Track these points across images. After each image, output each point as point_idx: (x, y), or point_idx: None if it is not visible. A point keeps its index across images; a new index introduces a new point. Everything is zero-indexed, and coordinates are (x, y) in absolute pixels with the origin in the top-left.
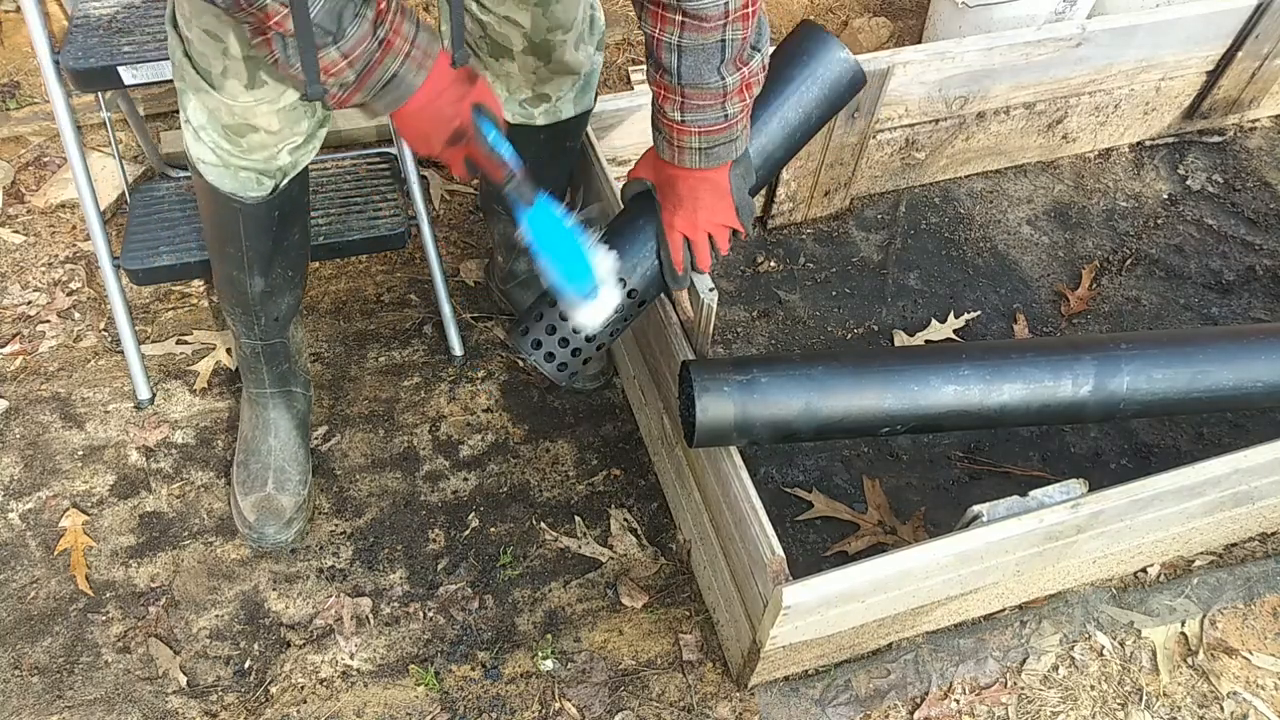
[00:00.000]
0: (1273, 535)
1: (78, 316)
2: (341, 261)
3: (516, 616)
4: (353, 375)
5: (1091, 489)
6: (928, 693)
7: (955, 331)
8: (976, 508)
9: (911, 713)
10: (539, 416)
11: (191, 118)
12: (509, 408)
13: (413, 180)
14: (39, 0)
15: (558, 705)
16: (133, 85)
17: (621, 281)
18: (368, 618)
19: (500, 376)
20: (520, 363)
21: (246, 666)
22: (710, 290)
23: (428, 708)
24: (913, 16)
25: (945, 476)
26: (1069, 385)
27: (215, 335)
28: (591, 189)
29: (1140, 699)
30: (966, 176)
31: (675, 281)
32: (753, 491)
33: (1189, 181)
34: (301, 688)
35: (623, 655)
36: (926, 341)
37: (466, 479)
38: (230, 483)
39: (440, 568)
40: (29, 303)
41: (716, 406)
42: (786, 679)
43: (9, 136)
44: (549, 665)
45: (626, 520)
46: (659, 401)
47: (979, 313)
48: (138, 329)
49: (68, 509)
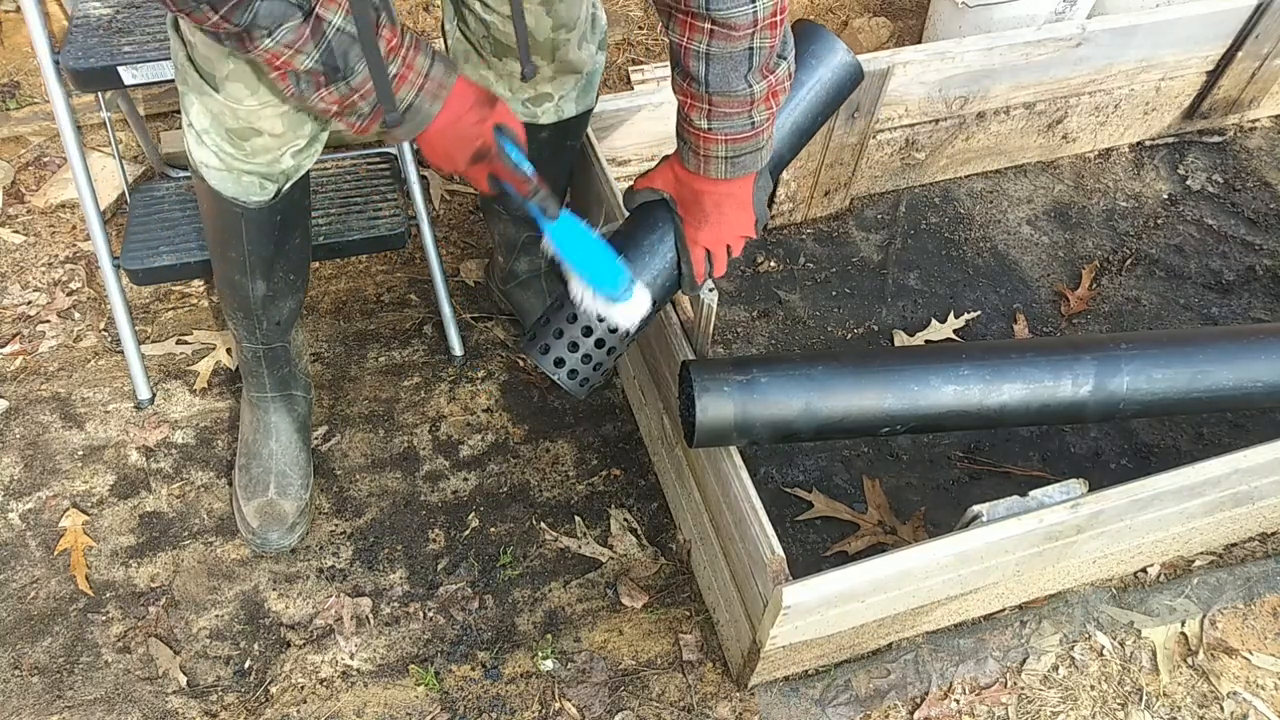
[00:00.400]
0: (1273, 535)
1: (78, 316)
2: (341, 261)
3: (516, 616)
4: (353, 375)
5: (1091, 489)
6: (928, 693)
7: (955, 331)
8: (976, 508)
9: (911, 713)
10: (539, 416)
11: (194, 121)
12: (509, 408)
13: (413, 180)
14: (39, 0)
15: (558, 705)
16: (133, 85)
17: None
18: (368, 618)
19: (500, 376)
20: (522, 364)
21: (246, 666)
22: (710, 290)
23: (428, 708)
24: (913, 16)
25: (945, 476)
26: (1069, 385)
27: (215, 335)
28: (591, 189)
29: (1140, 699)
30: (966, 176)
31: (691, 289)
32: (753, 491)
33: (1189, 181)
34: (301, 688)
35: (623, 655)
36: (926, 341)
37: (466, 479)
38: (232, 485)
39: (440, 568)
40: (29, 303)
41: (716, 406)
42: (786, 679)
43: (9, 136)
44: (549, 665)
45: (626, 520)
46: (659, 401)
47: (979, 313)
48: (138, 329)
49: (68, 509)
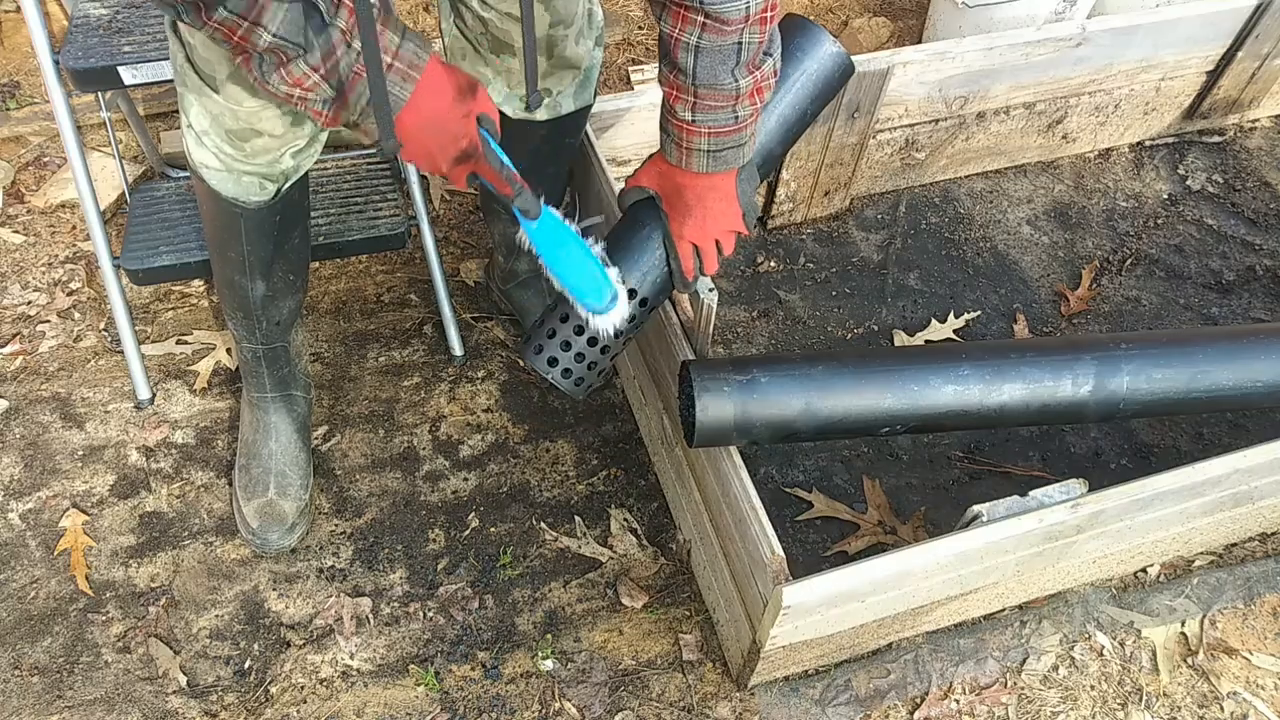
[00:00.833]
0: (1273, 535)
1: (78, 316)
2: (341, 261)
3: (516, 616)
4: (353, 375)
5: (1091, 489)
6: (928, 693)
7: (955, 331)
8: (976, 508)
9: (911, 713)
10: (539, 416)
11: (194, 123)
12: (509, 408)
13: (413, 180)
14: (39, 0)
15: (558, 705)
16: (133, 85)
17: (632, 291)
18: (368, 618)
19: (500, 376)
20: (523, 364)
21: (246, 666)
22: (710, 290)
23: (428, 708)
24: (913, 16)
25: (945, 476)
26: (1069, 385)
27: (215, 335)
28: (591, 188)
29: (1140, 699)
30: (966, 176)
31: (684, 286)
32: (753, 491)
33: (1189, 181)
34: (301, 688)
35: (623, 655)
36: (926, 341)
37: (466, 479)
38: (231, 485)
39: (440, 568)
40: (29, 303)
41: (716, 406)
42: (786, 679)
43: (9, 136)
44: (549, 665)
45: (626, 520)
46: (659, 401)
47: (979, 313)
48: (138, 329)
49: (68, 509)
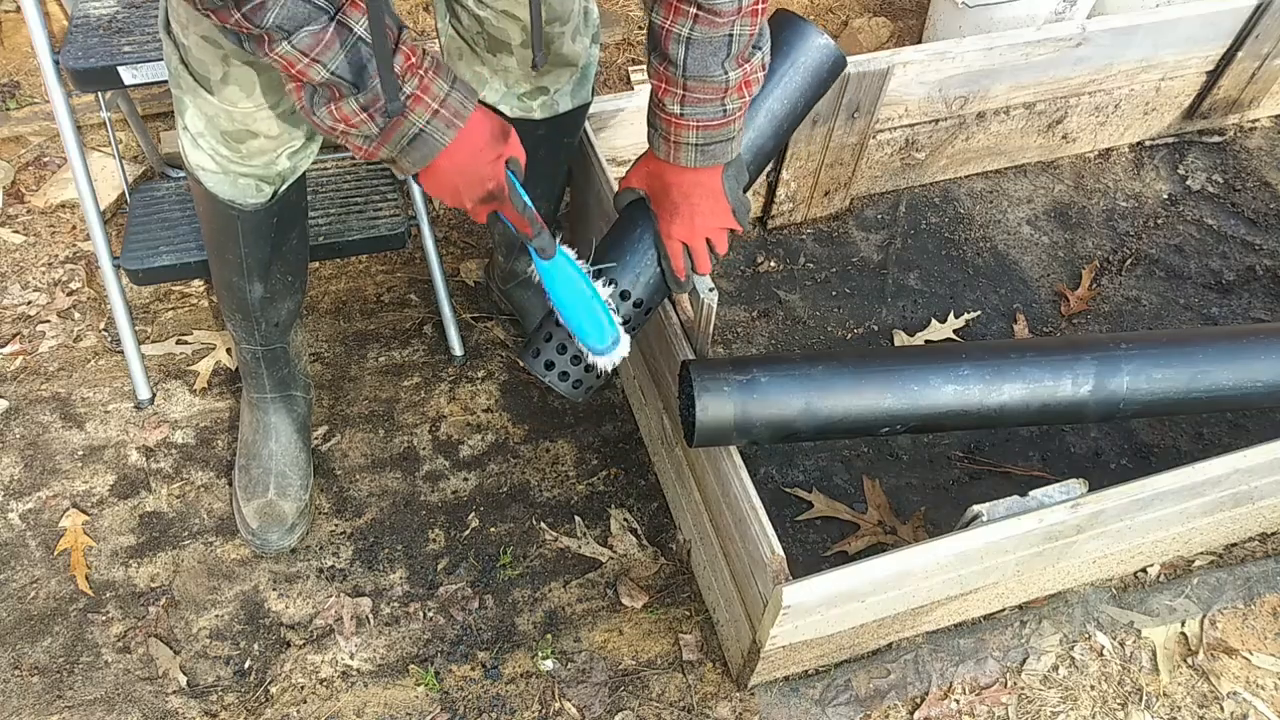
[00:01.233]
0: (1273, 535)
1: (78, 316)
2: (341, 261)
3: (516, 616)
4: (353, 375)
5: (1091, 489)
6: (928, 693)
7: (955, 331)
8: (976, 508)
9: (911, 713)
10: (539, 416)
11: (189, 124)
12: (509, 408)
13: (412, 180)
14: (39, 0)
15: (558, 705)
16: (133, 85)
17: (625, 293)
18: (368, 618)
19: (500, 376)
20: (521, 366)
21: (246, 666)
22: (710, 290)
23: (428, 708)
24: (913, 16)
25: (945, 476)
26: (1069, 385)
27: (215, 335)
28: (590, 188)
29: (1140, 699)
30: (966, 176)
31: (678, 287)
32: (753, 491)
33: (1189, 181)
34: (301, 688)
35: (623, 655)
36: (926, 341)
37: (466, 479)
38: (231, 486)
39: (440, 568)
40: (29, 303)
41: (716, 406)
42: (786, 679)
43: (9, 136)
44: (549, 665)
45: (626, 520)
46: (659, 401)
47: (979, 313)
48: (138, 329)
49: (68, 509)
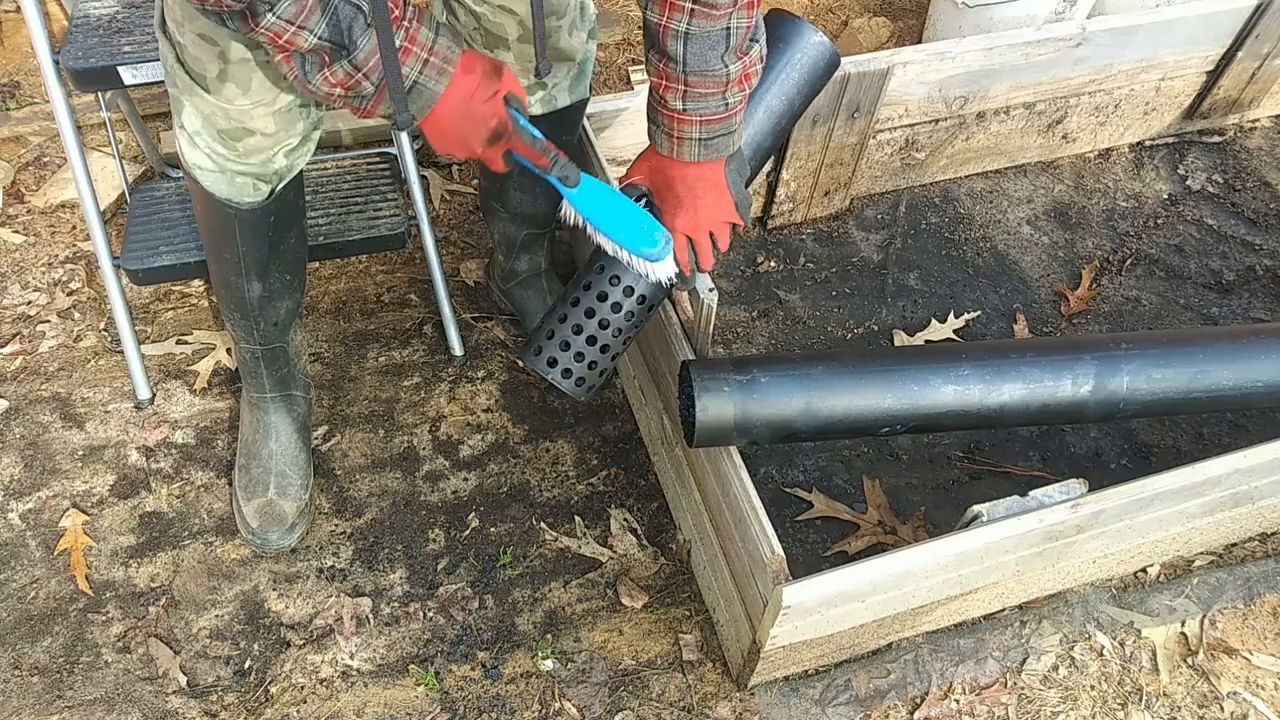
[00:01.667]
0: (1273, 535)
1: (78, 316)
2: (341, 261)
3: (516, 616)
4: (353, 375)
5: (1091, 489)
6: (928, 693)
7: (955, 331)
8: (976, 508)
9: (911, 713)
10: (539, 416)
11: (186, 123)
12: (509, 408)
13: (413, 180)
14: (39, 0)
15: (558, 705)
16: (133, 85)
17: (630, 289)
18: (368, 618)
19: (500, 376)
20: (520, 366)
21: (246, 666)
22: (710, 290)
23: (428, 708)
24: (913, 16)
25: (945, 476)
26: (1069, 385)
27: (215, 335)
28: None
29: (1140, 699)
30: (966, 176)
31: (682, 282)
32: (753, 491)
33: (1189, 181)
34: (301, 688)
35: (623, 655)
36: (926, 341)
37: (466, 479)
38: (231, 485)
39: (440, 568)
40: (29, 303)
41: (716, 406)
42: (786, 679)
43: (9, 136)
44: (549, 665)
45: (626, 520)
46: (659, 401)
47: (979, 313)
48: (138, 329)
49: (68, 509)
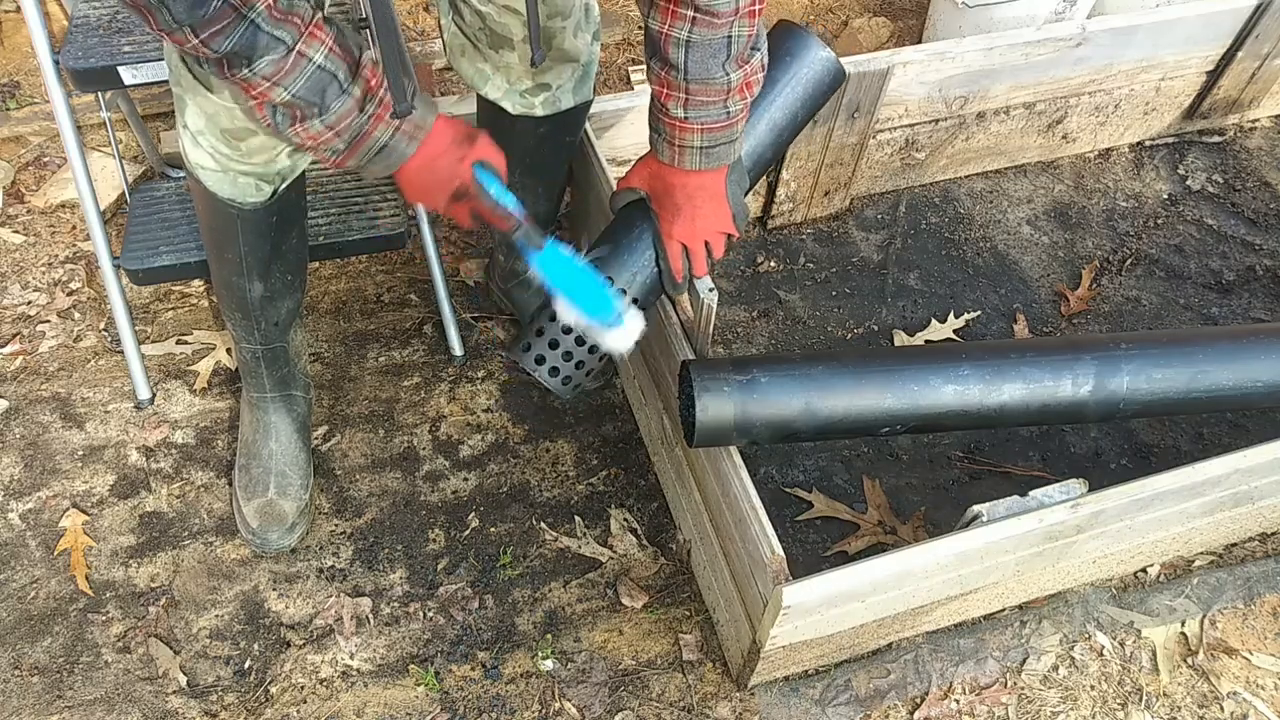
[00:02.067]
0: (1273, 535)
1: (78, 316)
2: (341, 261)
3: (516, 616)
4: (353, 375)
5: (1091, 489)
6: (928, 693)
7: (955, 331)
8: (976, 508)
9: (911, 713)
10: (539, 416)
11: (189, 123)
12: (509, 408)
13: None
14: (39, 0)
15: (558, 705)
16: (133, 85)
17: (622, 291)
18: (368, 618)
19: (500, 376)
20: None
21: (246, 666)
22: (710, 290)
23: (428, 708)
24: (913, 16)
25: (945, 476)
26: (1069, 385)
27: (215, 335)
28: (591, 188)
29: (1140, 699)
30: (966, 176)
31: (675, 289)
32: (753, 491)
33: (1189, 181)
34: (301, 688)
35: (623, 655)
36: (926, 341)
37: (466, 479)
38: (231, 485)
39: (440, 568)
40: (29, 303)
41: (716, 406)
42: (786, 679)
43: (9, 136)
44: (549, 665)
45: (626, 520)
46: (659, 401)
47: (979, 313)
48: (138, 329)
49: (68, 509)
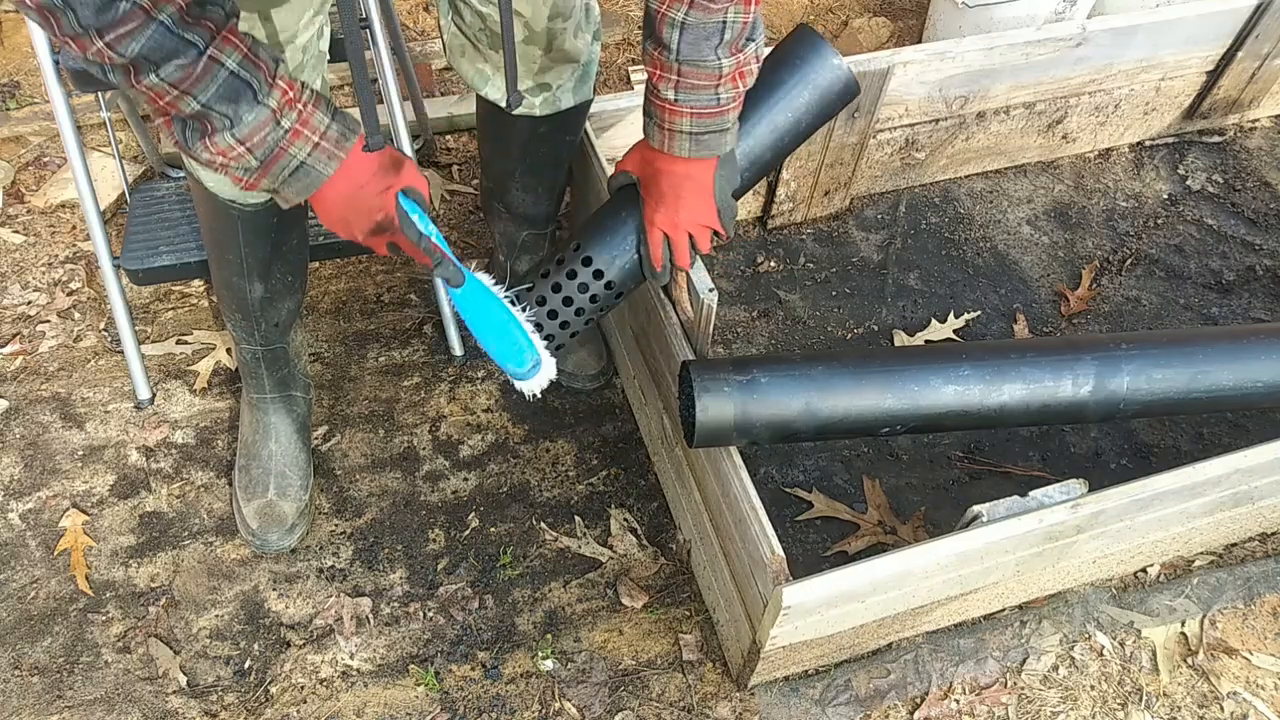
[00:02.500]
0: (1273, 535)
1: (78, 316)
2: (341, 261)
3: (516, 616)
4: (353, 375)
5: (1091, 489)
6: (928, 693)
7: (955, 331)
8: (976, 508)
9: (911, 713)
10: (539, 416)
11: None
12: (509, 408)
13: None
14: None
15: (558, 705)
16: None
17: (599, 272)
18: (368, 618)
19: (500, 376)
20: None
21: (246, 666)
22: (710, 290)
23: (428, 708)
24: (913, 16)
25: (945, 476)
26: (1069, 385)
27: (215, 335)
28: (590, 188)
29: (1140, 699)
30: (966, 176)
31: (655, 277)
32: (753, 491)
33: (1189, 181)
34: (301, 688)
35: (623, 655)
36: (926, 341)
37: (466, 479)
38: (231, 486)
39: (440, 568)
40: (29, 303)
41: (716, 406)
42: (786, 679)
43: (9, 136)
44: (549, 665)
45: (626, 520)
46: (659, 401)
47: (979, 313)
48: (138, 329)
49: (68, 509)
